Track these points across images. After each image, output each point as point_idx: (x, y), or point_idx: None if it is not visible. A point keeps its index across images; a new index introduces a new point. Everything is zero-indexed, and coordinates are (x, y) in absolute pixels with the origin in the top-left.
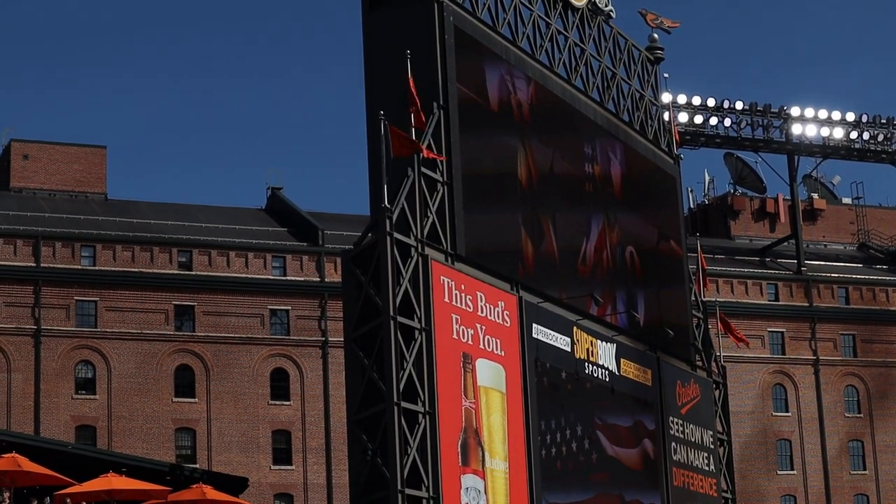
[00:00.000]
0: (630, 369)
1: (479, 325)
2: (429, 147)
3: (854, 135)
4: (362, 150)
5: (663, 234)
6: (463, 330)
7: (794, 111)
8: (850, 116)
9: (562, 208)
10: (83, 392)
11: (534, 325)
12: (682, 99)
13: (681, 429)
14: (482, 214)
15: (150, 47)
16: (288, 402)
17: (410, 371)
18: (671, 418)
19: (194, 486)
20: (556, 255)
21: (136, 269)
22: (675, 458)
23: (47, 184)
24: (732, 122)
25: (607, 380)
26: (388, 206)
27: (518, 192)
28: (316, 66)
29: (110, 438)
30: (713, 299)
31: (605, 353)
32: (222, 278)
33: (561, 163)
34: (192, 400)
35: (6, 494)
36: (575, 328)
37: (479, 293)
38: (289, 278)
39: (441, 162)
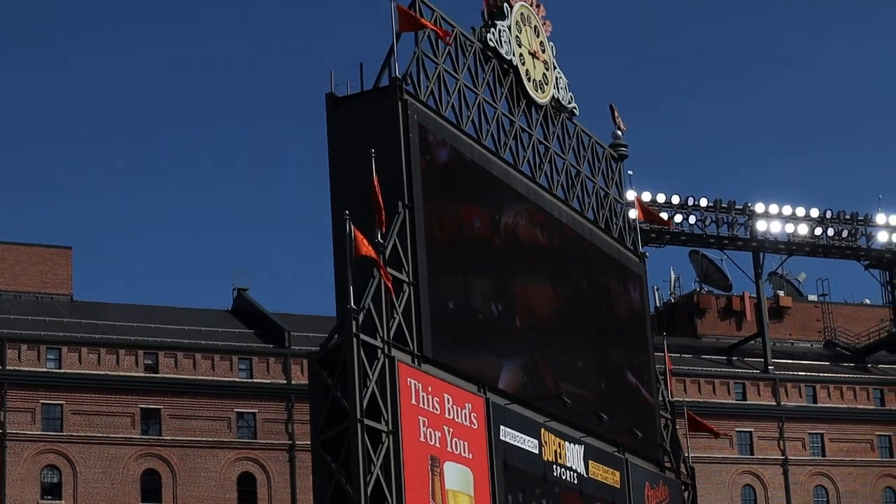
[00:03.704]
0: (598, 471)
1: (446, 428)
2: (394, 246)
3: (819, 231)
4: (328, 251)
5: (630, 334)
6: (430, 432)
7: (759, 207)
8: (815, 212)
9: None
10: (49, 497)
11: (501, 427)
12: (646, 196)
13: None
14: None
15: (114, 148)
16: None
17: (378, 475)
18: None
19: None
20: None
21: (102, 372)
22: None
23: (13, 285)
24: (697, 220)
25: (576, 482)
26: (354, 307)
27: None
28: (281, 165)
29: None
30: (680, 399)
31: (574, 455)
32: (189, 381)
33: (523, 276)
34: None
35: None
36: (543, 430)
37: (446, 395)
38: (255, 381)
39: (407, 262)
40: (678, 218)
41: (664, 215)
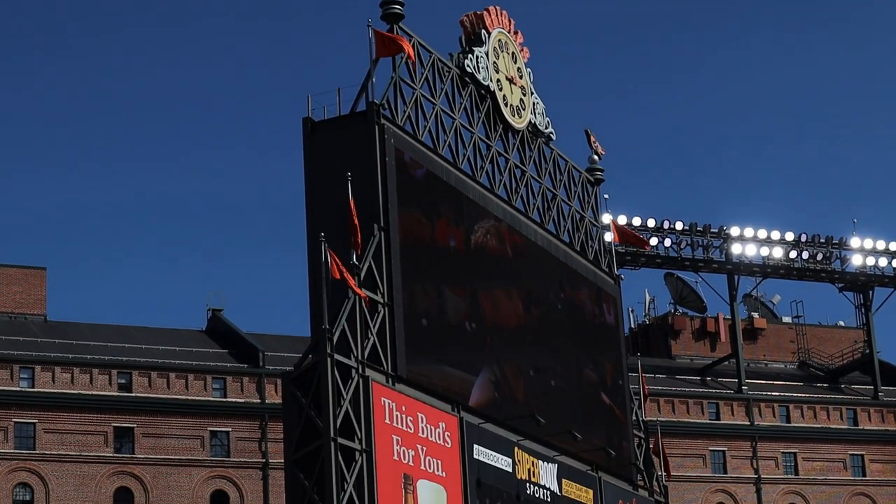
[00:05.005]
0: (572, 489)
1: (420, 446)
2: (369, 268)
3: (793, 254)
4: (303, 271)
5: (605, 355)
6: (404, 451)
7: (734, 231)
8: (790, 236)
9: (503, 335)
10: None
11: (475, 446)
12: (622, 220)
13: None
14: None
15: (89, 168)
16: None
17: (351, 493)
18: None
19: None
20: (498, 385)
21: (76, 391)
22: None
23: None
24: (672, 243)
25: (549, 500)
26: (328, 327)
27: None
28: (257, 186)
29: None
30: (654, 419)
31: (547, 474)
32: (162, 400)
33: (501, 294)
34: None
35: None
36: (516, 448)
37: (419, 414)
38: (229, 400)
39: (382, 283)
40: (654, 241)
41: None
